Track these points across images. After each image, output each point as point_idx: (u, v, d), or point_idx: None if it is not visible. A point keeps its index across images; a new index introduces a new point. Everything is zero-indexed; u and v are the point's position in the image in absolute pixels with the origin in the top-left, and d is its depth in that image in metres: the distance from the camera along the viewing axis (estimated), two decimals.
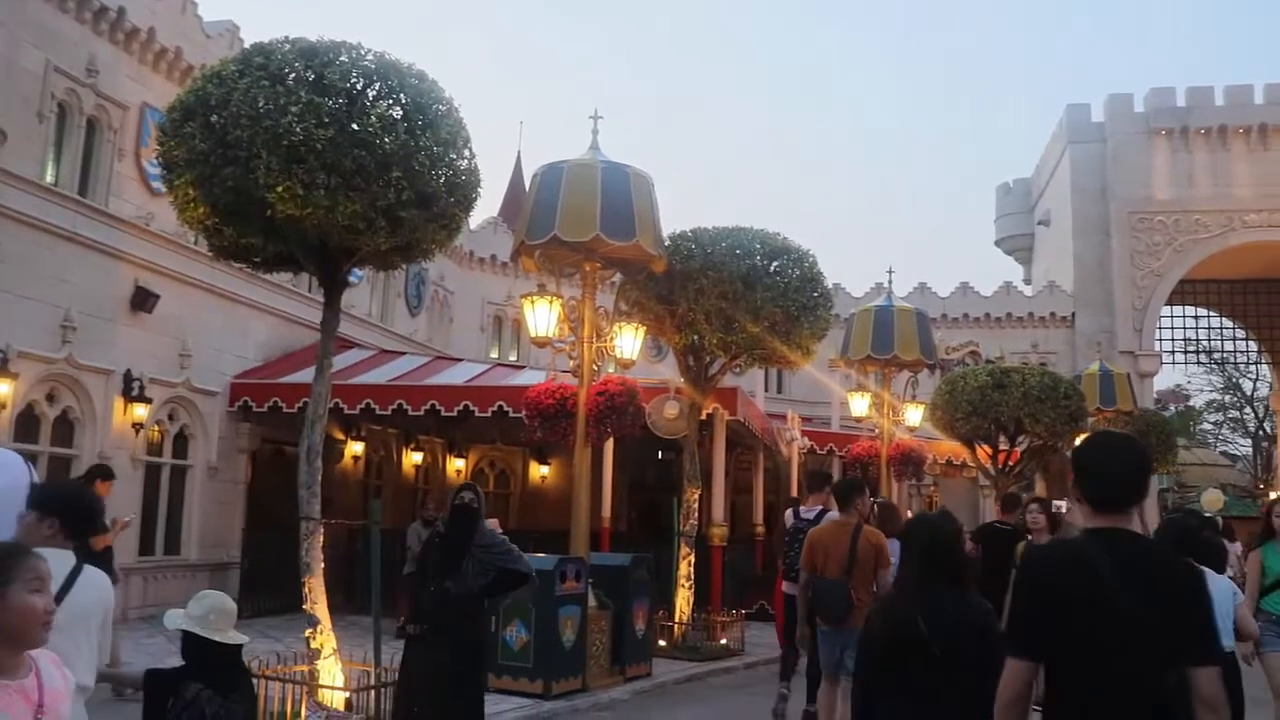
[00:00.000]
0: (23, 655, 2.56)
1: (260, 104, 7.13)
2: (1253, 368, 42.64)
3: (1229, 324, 36.75)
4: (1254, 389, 46.85)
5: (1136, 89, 47.81)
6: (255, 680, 6.52)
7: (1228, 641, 5.38)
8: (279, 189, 7.07)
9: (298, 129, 7.01)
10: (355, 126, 7.23)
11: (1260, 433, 47.80)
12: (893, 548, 6.82)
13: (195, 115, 7.40)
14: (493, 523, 6.68)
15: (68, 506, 3.63)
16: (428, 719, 6.32)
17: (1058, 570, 3.08)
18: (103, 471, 10.20)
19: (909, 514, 15.70)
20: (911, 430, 19.14)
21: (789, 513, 10.19)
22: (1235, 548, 20.08)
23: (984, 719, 3.10)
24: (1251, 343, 36.84)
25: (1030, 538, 9.06)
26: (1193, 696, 2.91)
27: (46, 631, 2.59)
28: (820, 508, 9.42)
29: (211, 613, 3.80)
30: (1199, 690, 2.90)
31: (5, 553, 2.60)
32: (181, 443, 15.60)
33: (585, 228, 10.88)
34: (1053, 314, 32.82)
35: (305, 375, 13.39)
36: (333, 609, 8.34)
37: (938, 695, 3.56)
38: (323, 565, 8.21)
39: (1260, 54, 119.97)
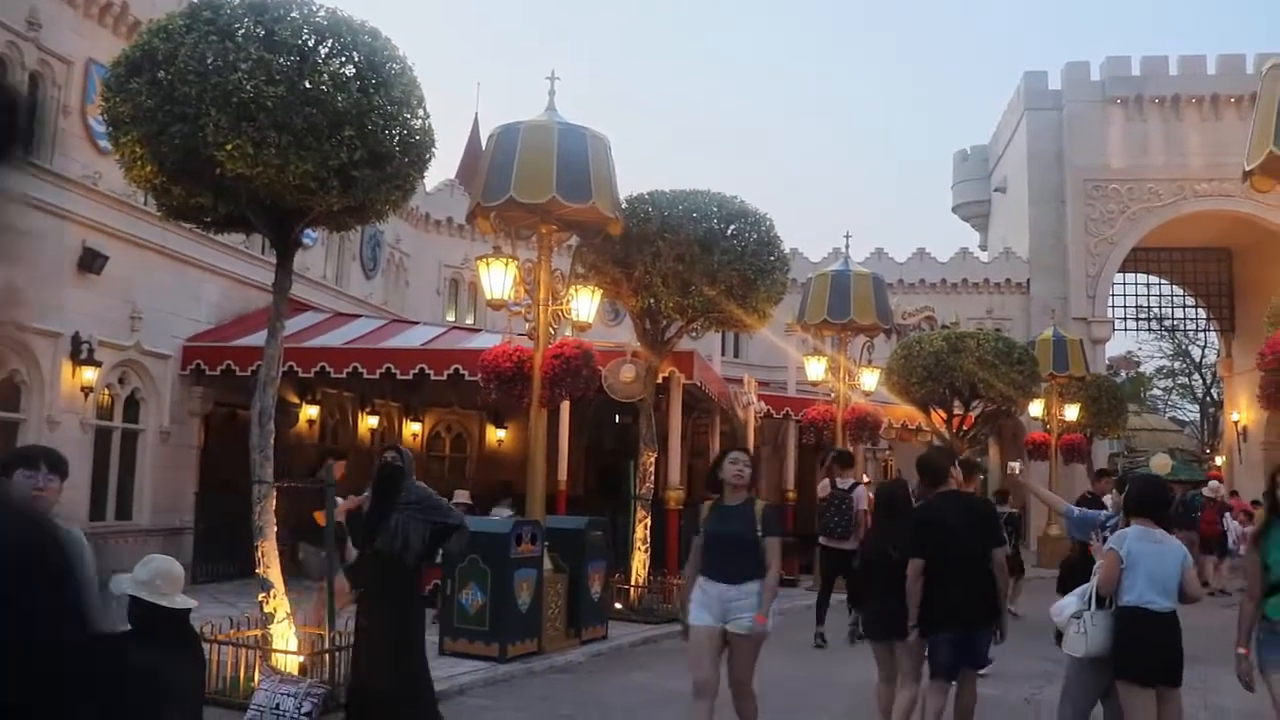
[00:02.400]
0: None
1: (209, 60, 6.97)
2: (1201, 335, 43.39)
3: (1179, 292, 37.25)
4: (1202, 356, 47.79)
5: (1093, 57, 48.04)
6: (207, 645, 6.49)
7: (1168, 602, 5.44)
8: (228, 147, 6.93)
9: (247, 86, 6.87)
10: (307, 84, 7.08)
11: (1208, 399, 48.76)
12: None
13: (141, 71, 7.21)
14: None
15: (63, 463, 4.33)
16: (368, 677, 6.34)
17: (929, 512, 6.52)
18: (335, 453, 10.67)
19: (865, 478, 16.40)
20: (867, 394, 19.32)
21: (825, 482, 12.60)
22: (1235, 525, 20.19)
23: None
24: (1200, 311, 37.38)
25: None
26: (991, 564, 6.30)
27: None
28: (853, 480, 12.21)
29: (158, 577, 3.75)
30: (995, 560, 6.32)
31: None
32: (132, 406, 15.36)
33: (541, 189, 10.81)
34: (1008, 280, 33.09)
35: (259, 338, 13.19)
36: (286, 573, 8.28)
37: (897, 581, 6.40)
38: (275, 529, 8.15)
39: (1211, 26, 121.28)
